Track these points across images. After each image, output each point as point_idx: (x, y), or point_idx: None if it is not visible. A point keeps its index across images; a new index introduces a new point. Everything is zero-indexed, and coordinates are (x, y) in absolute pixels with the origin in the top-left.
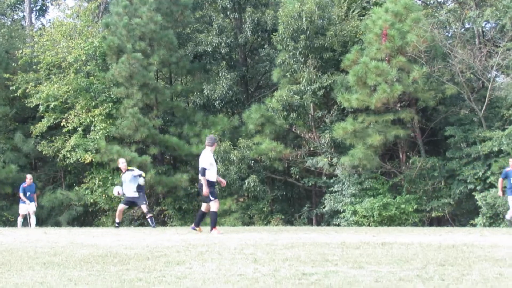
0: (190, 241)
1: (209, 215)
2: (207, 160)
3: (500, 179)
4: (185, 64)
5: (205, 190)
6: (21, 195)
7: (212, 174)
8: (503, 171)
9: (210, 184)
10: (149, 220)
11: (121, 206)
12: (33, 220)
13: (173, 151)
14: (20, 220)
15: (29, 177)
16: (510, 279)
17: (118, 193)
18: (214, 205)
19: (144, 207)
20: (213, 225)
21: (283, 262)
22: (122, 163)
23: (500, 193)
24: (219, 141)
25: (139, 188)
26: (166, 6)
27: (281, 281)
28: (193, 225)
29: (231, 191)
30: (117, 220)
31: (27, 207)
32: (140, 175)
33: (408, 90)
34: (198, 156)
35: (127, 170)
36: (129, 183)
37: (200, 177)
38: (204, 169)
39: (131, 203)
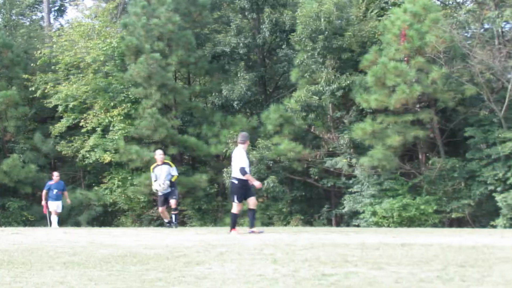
0: (209, 242)
1: (230, 216)
2: (242, 158)
3: None
4: (203, 65)
5: (257, 183)
6: (44, 192)
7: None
8: None
9: (241, 184)
10: (173, 216)
11: (161, 208)
12: (54, 219)
13: (192, 151)
14: (53, 217)
15: (55, 174)
16: None
17: (156, 190)
18: (235, 207)
19: (173, 202)
20: (233, 226)
21: (303, 262)
22: (159, 154)
23: None
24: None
25: (172, 183)
26: (184, 6)
27: (301, 281)
28: (248, 229)
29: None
30: (166, 220)
31: (55, 204)
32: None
33: (427, 90)
34: (217, 156)
35: (164, 163)
36: (164, 177)
37: (243, 176)
38: (243, 168)
39: (166, 200)
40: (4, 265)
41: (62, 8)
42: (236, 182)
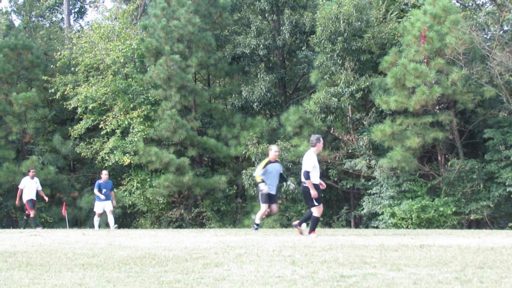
0: (228, 243)
1: (311, 219)
2: (310, 162)
3: None
4: (223, 66)
5: (313, 192)
6: (96, 191)
7: (315, 177)
8: None
9: (315, 187)
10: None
11: (265, 207)
12: (110, 219)
13: (211, 153)
14: (96, 219)
15: (104, 173)
16: None
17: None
18: (316, 211)
19: (275, 207)
20: (313, 229)
21: (322, 264)
22: (274, 151)
23: None
24: (256, 143)
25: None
26: (204, 8)
27: (319, 283)
28: (296, 222)
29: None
30: (257, 222)
31: (103, 205)
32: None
33: (447, 92)
34: (236, 158)
35: (276, 161)
36: (275, 176)
37: (305, 181)
38: (307, 172)
39: (271, 201)
40: (23, 267)
41: (82, 10)
42: (306, 186)
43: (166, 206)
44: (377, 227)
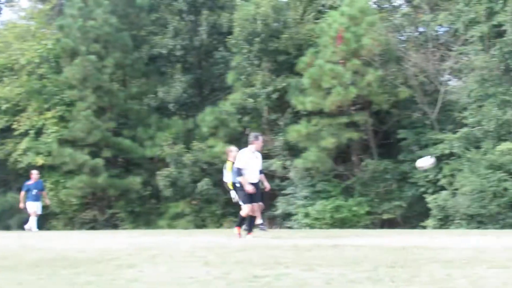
0: (141, 244)
1: (238, 216)
2: (241, 159)
3: None
4: (140, 67)
5: (247, 188)
6: (22, 194)
7: (249, 175)
8: None
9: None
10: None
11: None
12: (32, 220)
13: (126, 154)
14: (32, 219)
15: (34, 172)
16: (458, 280)
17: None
18: (244, 210)
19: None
20: (239, 225)
21: (235, 264)
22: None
23: None
24: (172, 144)
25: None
26: (122, 8)
27: (232, 283)
28: (247, 234)
29: (184, 194)
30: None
31: (35, 205)
32: None
33: (363, 93)
34: (151, 159)
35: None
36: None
37: (237, 178)
38: (238, 169)
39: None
40: None
41: None
42: (238, 184)
43: (79, 207)
44: (291, 228)
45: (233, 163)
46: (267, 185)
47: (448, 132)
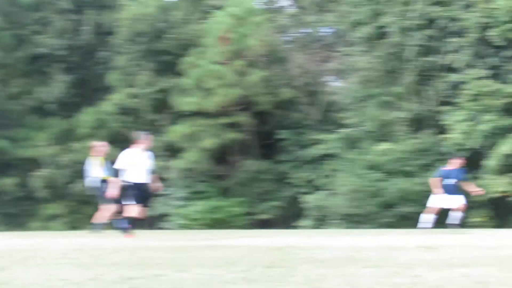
0: (14, 246)
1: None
2: (122, 159)
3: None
4: (21, 66)
5: (110, 191)
6: None
7: (132, 175)
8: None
9: (129, 186)
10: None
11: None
12: None
13: (2, 155)
14: None
15: None
16: (332, 279)
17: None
18: (128, 210)
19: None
20: (122, 228)
21: (109, 266)
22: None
23: None
24: (49, 144)
25: None
26: (4, 6)
27: (105, 285)
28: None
29: (60, 195)
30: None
31: None
32: None
33: (246, 93)
34: (28, 160)
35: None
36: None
37: (112, 179)
38: (115, 170)
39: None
40: None
41: None
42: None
43: None
44: (168, 229)
45: (103, 158)
46: (157, 185)
47: (328, 132)
